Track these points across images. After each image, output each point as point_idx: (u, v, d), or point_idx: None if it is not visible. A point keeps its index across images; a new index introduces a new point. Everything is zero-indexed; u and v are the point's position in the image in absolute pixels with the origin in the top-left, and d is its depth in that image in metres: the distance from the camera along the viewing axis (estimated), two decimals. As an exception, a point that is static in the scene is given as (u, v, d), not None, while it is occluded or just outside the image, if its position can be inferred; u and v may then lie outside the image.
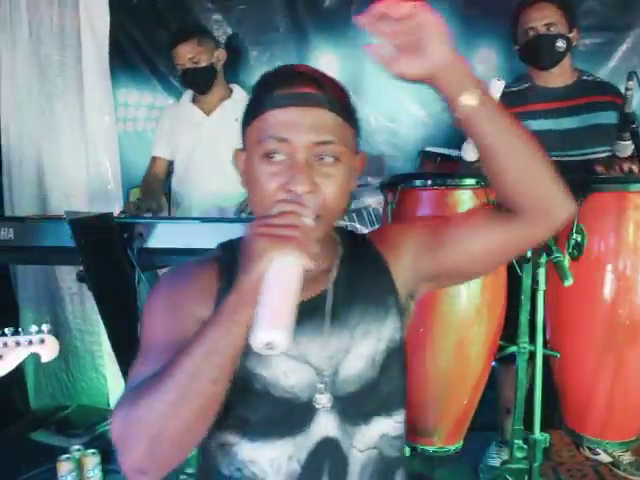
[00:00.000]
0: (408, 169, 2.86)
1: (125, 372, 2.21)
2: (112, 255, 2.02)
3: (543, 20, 2.46)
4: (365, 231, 1.07)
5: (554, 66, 2.52)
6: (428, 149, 2.74)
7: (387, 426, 1.05)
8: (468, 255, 1.06)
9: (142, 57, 3.03)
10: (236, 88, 2.83)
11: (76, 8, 2.99)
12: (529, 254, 1.76)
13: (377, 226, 2.19)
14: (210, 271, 1.04)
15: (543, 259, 1.73)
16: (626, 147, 2.03)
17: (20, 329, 1.64)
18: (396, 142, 2.98)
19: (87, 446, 2.69)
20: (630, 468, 2.60)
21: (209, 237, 2.01)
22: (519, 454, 2.11)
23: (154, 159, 2.89)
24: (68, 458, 2.59)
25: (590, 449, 2.64)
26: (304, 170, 0.94)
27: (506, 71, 2.79)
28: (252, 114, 1.01)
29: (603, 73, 2.81)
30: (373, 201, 2.71)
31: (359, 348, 1.03)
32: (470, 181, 2.11)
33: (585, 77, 2.58)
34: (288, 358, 1.00)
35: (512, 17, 2.56)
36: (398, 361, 1.08)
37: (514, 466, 2.11)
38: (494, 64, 2.86)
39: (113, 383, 3.24)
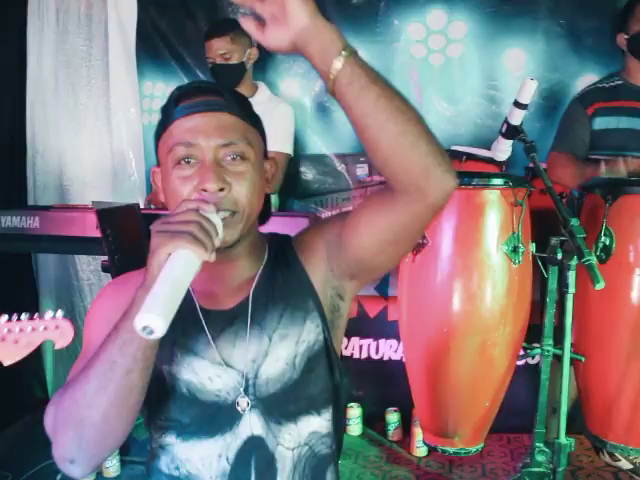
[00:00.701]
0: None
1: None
2: (137, 246, 2.02)
3: None
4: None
5: None
6: (454, 147, 2.71)
7: (316, 424, 1.09)
8: (371, 247, 1.03)
9: (169, 49, 3.00)
10: (261, 87, 2.80)
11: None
12: (559, 256, 1.74)
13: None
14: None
15: (574, 262, 1.71)
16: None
17: (36, 314, 1.64)
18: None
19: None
20: (650, 475, 2.58)
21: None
22: (540, 458, 2.10)
23: None
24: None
25: (610, 455, 2.60)
26: (214, 169, 0.98)
27: (533, 70, 2.77)
28: (161, 129, 1.06)
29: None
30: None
31: (277, 351, 1.06)
32: (498, 181, 2.09)
33: None
34: (213, 364, 1.05)
35: (626, 4, 2.50)
36: (324, 361, 1.10)
37: (535, 469, 2.09)
38: (523, 62, 2.81)
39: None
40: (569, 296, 1.74)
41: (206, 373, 1.05)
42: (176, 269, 0.86)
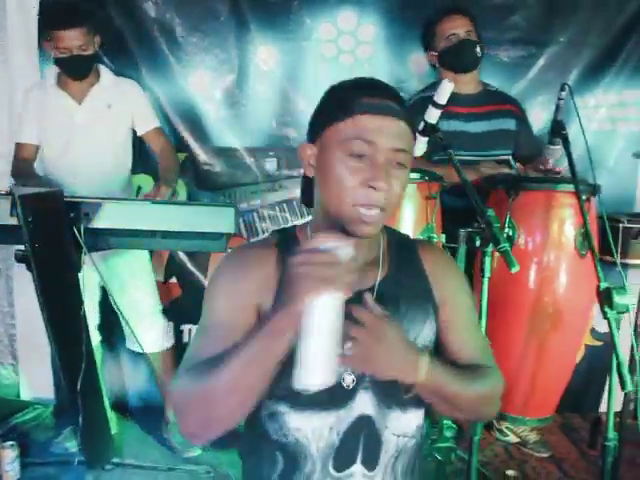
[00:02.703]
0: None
1: (64, 358, 2.13)
2: (59, 235, 1.95)
3: (464, 27, 2.71)
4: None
5: (474, 69, 2.76)
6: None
7: (419, 417, 1.20)
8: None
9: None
10: (104, 71, 2.72)
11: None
12: (477, 244, 1.89)
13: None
14: (270, 257, 1.16)
15: (489, 248, 1.87)
16: (556, 151, 2.23)
17: None
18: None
19: (2, 439, 2.57)
20: (536, 446, 2.86)
21: (157, 219, 2.04)
22: (448, 433, 2.27)
23: (21, 146, 2.69)
24: (-17, 451, 2.46)
25: (500, 431, 2.86)
26: (385, 170, 1.07)
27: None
28: (336, 117, 1.10)
29: (522, 84, 3.05)
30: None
31: None
32: (414, 175, 2.23)
33: (489, 88, 2.84)
34: None
35: (425, 26, 2.81)
36: None
37: (442, 445, 2.26)
38: (428, 66, 2.99)
39: (26, 373, 3.09)
40: (485, 280, 1.90)
41: None
42: (329, 321, 0.90)
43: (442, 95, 2.07)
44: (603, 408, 3.16)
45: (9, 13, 2.85)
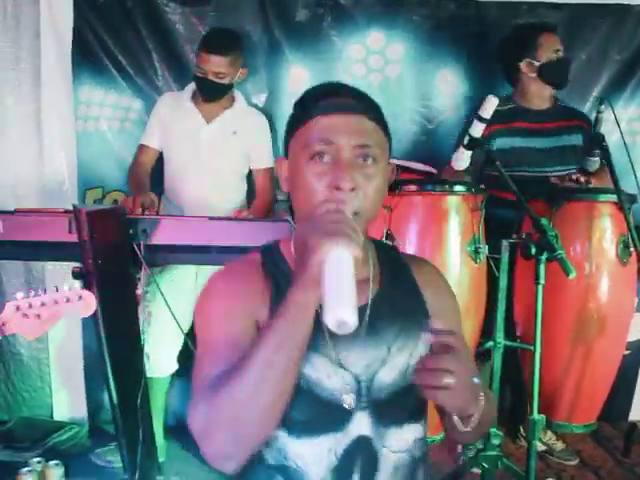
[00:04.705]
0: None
1: (120, 375, 2.13)
2: (120, 251, 1.98)
3: (561, 46, 2.75)
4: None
5: (565, 87, 2.81)
6: (391, 161, 2.88)
7: (418, 431, 1.15)
8: None
9: (108, 56, 2.92)
10: (239, 97, 2.82)
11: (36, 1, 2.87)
12: (533, 252, 1.94)
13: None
14: (258, 273, 1.13)
15: (543, 256, 1.92)
16: (594, 163, 2.30)
17: (54, 288, 1.61)
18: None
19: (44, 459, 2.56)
20: (563, 454, 2.89)
21: (215, 235, 2.07)
22: (495, 441, 2.29)
23: (144, 147, 2.79)
24: (30, 471, 2.46)
25: (526, 439, 2.89)
26: (348, 168, 1.02)
27: (467, 89, 3.07)
28: (297, 123, 1.10)
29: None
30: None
31: (395, 361, 1.11)
32: (460, 187, 2.29)
33: (559, 103, 2.89)
34: (331, 363, 1.08)
35: (523, 34, 2.79)
36: None
37: (489, 453, 2.28)
38: (455, 83, 3.08)
39: (59, 393, 3.08)
40: (539, 287, 1.95)
41: (325, 371, 1.07)
42: (346, 265, 0.90)
43: (487, 110, 2.13)
44: (632, 417, 3.21)
45: (43, 36, 2.89)
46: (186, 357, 2.66)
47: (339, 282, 0.89)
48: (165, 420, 2.80)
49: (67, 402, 3.08)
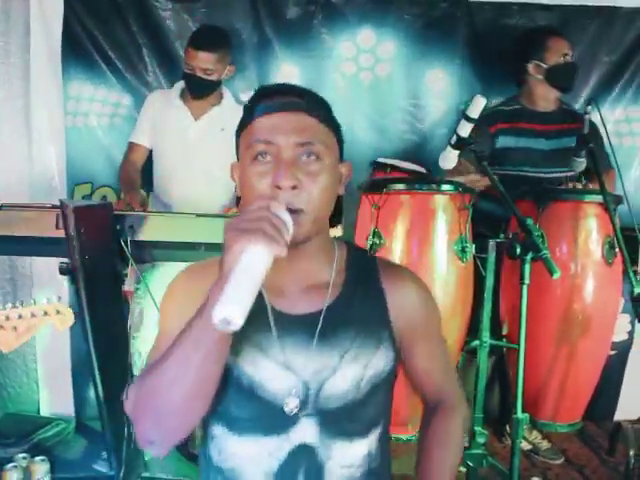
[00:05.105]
0: (361, 177, 3.00)
1: (106, 370, 2.13)
2: (107, 247, 1.97)
3: (567, 50, 2.77)
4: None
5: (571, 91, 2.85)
6: (380, 159, 2.90)
7: (370, 445, 1.12)
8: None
9: (98, 51, 2.91)
10: (227, 94, 2.82)
11: (25, -5, 2.86)
12: (518, 251, 1.95)
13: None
14: (216, 275, 1.13)
15: (528, 256, 1.93)
16: (580, 163, 2.30)
17: (32, 301, 1.61)
18: (350, 152, 3.11)
19: (29, 455, 2.55)
20: (548, 453, 2.91)
21: (203, 232, 2.07)
22: (480, 440, 2.31)
23: (134, 145, 2.79)
24: (15, 467, 2.45)
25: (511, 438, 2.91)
26: (288, 167, 1.01)
27: (457, 89, 3.08)
28: (242, 125, 1.10)
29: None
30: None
31: (346, 370, 1.08)
32: (448, 187, 2.30)
33: (564, 106, 2.91)
34: (277, 365, 1.07)
35: (532, 36, 2.81)
36: (387, 387, 1.15)
37: (474, 452, 2.29)
38: (445, 83, 3.09)
39: (45, 389, 3.07)
40: (524, 287, 1.96)
41: (269, 372, 1.06)
42: (250, 264, 0.89)
43: (475, 110, 2.13)
44: (618, 416, 3.23)
45: (33, 31, 2.87)
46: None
47: (241, 279, 0.88)
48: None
49: (53, 398, 3.07)
